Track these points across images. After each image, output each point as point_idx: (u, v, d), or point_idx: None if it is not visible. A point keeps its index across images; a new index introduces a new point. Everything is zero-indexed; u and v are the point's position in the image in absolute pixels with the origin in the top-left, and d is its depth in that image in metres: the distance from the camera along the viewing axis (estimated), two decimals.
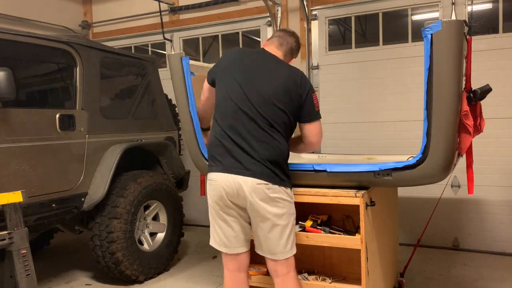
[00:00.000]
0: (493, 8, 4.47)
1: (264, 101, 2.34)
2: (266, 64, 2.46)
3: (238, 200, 2.35)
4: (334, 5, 5.11)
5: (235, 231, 2.44)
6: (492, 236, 4.51)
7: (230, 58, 2.53)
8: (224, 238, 2.44)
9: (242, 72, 2.42)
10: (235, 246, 2.45)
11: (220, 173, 2.35)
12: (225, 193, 2.34)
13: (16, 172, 3.18)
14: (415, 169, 2.46)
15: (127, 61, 4.40)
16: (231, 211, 2.41)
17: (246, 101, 2.34)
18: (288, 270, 2.42)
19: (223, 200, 2.38)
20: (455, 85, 2.32)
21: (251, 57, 2.51)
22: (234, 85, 2.39)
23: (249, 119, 2.33)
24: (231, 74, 2.43)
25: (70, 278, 4.15)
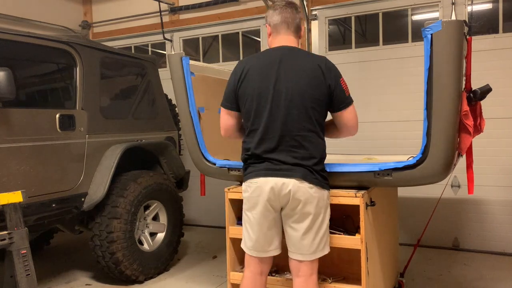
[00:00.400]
0: (493, 8, 4.47)
1: (292, 102, 2.28)
2: (286, 64, 2.33)
3: (278, 202, 2.32)
4: (334, 5, 5.11)
5: (270, 234, 2.39)
6: (492, 236, 4.51)
7: (248, 75, 2.37)
8: (257, 242, 2.39)
9: (262, 80, 2.33)
10: (264, 250, 2.41)
11: (261, 177, 2.32)
12: (267, 196, 2.30)
13: (16, 172, 3.18)
14: (415, 169, 2.46)
15: (127, 61, 4.40)
16: (269, 214, 2.35)
17: (277, 106, 2.30)
18: (311, 272, 2.39)
19: (265, 203, 2.33)
20: (455, 85, 2.32)
21: (263, 65, 2.36)
22: (262, 96, 2.32)
23: (283, 123, 2.29)
24: (256, 88, 2.34)
25: (70, 278, 4.15)
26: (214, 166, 3.05)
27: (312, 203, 2.30)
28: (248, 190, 2.37)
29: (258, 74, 2.34)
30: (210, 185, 3.89)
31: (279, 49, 2.40)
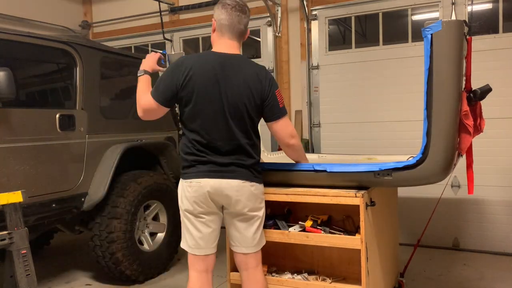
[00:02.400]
0: (493, 8, 4.47)
1: (234, 112, 2.34)
2: (224, 72, 2.35)
3: (221, 201, 2.41)
4: (334, 5, 5.11)
5: (211, 232, 2.46)
6: (492, 236, 4.51)
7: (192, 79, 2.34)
8: (199, 240, 2.45)
9: (206, 86, 2.33)
10: (208, 247, 2.48)
11: (205, 178, 2.37)
12: (209, 194, 2.38)
13: (16, 172, 3.18)
14: (415, 169, 2.45)
15: (127, 61, 4.40)
16: (209, 212, 2.43)
17: (218, 108, 2.34)
18: (257, 263, 2.55)
19: (205, 202, 2.39)
20: (455, 85, 2.32)
21: (206, 70, 2.35)
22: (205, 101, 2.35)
23: (225, 131, 2.35)
24: (199, 92, 2.34)
25: (70, 278, 4.15)
26: None
27: (252, 200, 2.43)
28: (189, 189, 2.39)
29: (202, 77, 2.33)
30: None
31: (223, 56, 2.40)
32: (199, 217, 2.42)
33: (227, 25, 2.40)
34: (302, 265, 2.99)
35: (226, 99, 2.33)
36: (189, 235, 2.46)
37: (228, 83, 2.34)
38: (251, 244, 2.50)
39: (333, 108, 5.15)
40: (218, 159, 2.36)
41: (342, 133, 5.11)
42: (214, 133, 2.35)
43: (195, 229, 2.44)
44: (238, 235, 2.49)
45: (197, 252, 2.46)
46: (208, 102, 2.34)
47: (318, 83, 5.24)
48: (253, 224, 2.48)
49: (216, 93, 2.33)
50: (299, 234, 2.68)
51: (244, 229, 2.47)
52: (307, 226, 2.72)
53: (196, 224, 2.43)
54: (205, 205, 2.39)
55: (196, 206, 2.40)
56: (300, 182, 2.74)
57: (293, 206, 2.96)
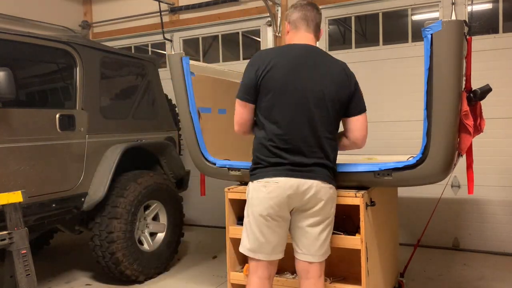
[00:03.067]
0: (493, 8, 4.47)
1: (318, 103, 2.25)
2: (312, 63, 2.29)
3: (297, 203, 2.27)
4: (334, 5, 5.11)
5: (279, 237, 2.32)
6: (492, 236, 4.51)
7: (270, 68, 2.27)
8: (266, 244, 2.29)
9: (288, 74, 2.25)
10: (273, 253, 2.32)
11: (283, 177, 2.23)
12: (286, 196, 2.23)
13: (16, 172, 3.18)
14: (415, 169, 2.46)
15: (127, 61, 4.40)
16: (284, 215, 2.29)
17: (301, 103, 2.25)
18: (320, 274, 2.38)
19: (280, 204, 2.25)
20: (455, 85, 2.32)
21: (291, 60, 2.29)
22: (287, 92, 2.25)
23: (307, 122, 2.26)
24: (281, 83, 2.25)
25: (70, 278, 4.15)
26: (214, 166, 3.05)
27: (330, 203, 2.31)
28: (263, 190, 2.24)
29: (285, 68, 2.25)
30: (210, 185, 3.89)
31: (303, 46, 2.35)
32: (270, 220, 2.26)
33: (301, 18, 2.39)
34: None
35: (312, 91, 2.24)
36: (254, 239, 2.30)
37: (315, 74, 2.27)
38: (318, 252, 2.33)
39: None
40: (297, 158, 2.24)
41: None
42: (295, 127, 2.23)
43: (261, 234, 2.28)
44: (306, 242, 2.32)
45: (261, 257, 2.30)
46: (292, 94, 2.23)
47: None
48: (325, 230, 2.34)
49: (301, 85, 2.24)
50: None
51: (314, 235, 2.31)
52: None
53: (264, 228, 2.27)
54: (278, 207, 2.24)
55: (270, 208, 2.24)
56: None
57: None
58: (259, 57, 2.33)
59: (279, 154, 2.25)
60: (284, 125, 2.25)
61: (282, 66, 2.26)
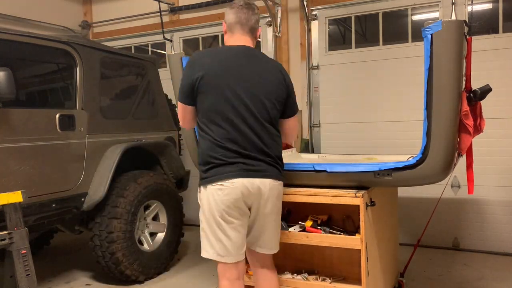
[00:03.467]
0: (493, 8, 4.47)
1: (257, 102, 2.28)
2: (247, 63, 2.33)
3: (252, 201, 2.32)
4: (334, 5, 5.11)
5: (241, 237, 2.35)
6: (492, 236, 4.51)
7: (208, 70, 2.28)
8: (230, 246, 2.31)
9: (224, 76, 2.28)
10: (239, 253, 2.36)
11: (238, 178, 2.24)
12: (242, 195, 2.27)
13: (16, 172, 3.18)
14: (415, 169, 2.46)
15: (127, 61, 4.40)
16: (238, 215, 2.30)
17: (241, 103, 2.26)
18: (272, 262, 2.55)
19: (238, 204, 2.27)
20: (455, 85, 2.32)
21: (226, 62, 2.31)
22: (223, 92, 2.27)
23: (249, 121, 2.28)
24: (219, 85, 2.27)
25: (70, 278, 4.15)
26: None
27: (280, 198, 2.44)
28: (219, 193, 2.24)
29: (220, 69, 2.28)
30: None
31: (239, 47, 2.38)
32: (230, 222, 2.28)
33: (235, 22, 2.40)
34: (302, 265, 2.99)
35: (250, 91, 2.27)
36: (218, 243, 2.30)
37: (253, 74, 2.30)
38: (274, 245, 2.50)
39: (333, 108, 5.15)
40: (247, 159, 2.26)
41: (342, 133, 5.11)
42: (239, 128, 2.26)
43: (226, 236, 2.28)
44: (266, 237, 2.44)
45: (228, 260, 2.32)
46: (229, 94, 2.25)
47: (318, 83, 5.23)
48: (279, 224, 2.51)
49: (238, 85, 2.26)
50: (299, 234, 2.69)
51: (271, 229, 2.44)
52: (307, 226, 2.72)
53: (227, 230, 2.28)
54: (237, 208, 2.27)
55: (228, 210, 2.26)
56: (300, 182, 2.74)
57: (293, 206, 2.96)
58: (195, 60, 2.34)
59: (228, 157, 2.26)
60: (227, 127, 2.26)
61: (218, 69, 2.28)
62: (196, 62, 2.33)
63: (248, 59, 2.34)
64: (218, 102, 2.26)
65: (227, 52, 2.37)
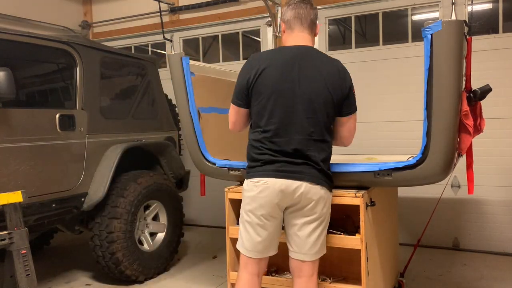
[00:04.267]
0: (493, 8, 4.47)
1: (307, 106, 2.28)
2: (304, 65, 2.30)
3: (287, 202, 2.30)
4: (334, 5, 5.11)
5: (272, 236, 2.35)
6: (492, 236, 4.51)
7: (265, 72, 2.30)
8: (258, 244, 2.33)
9: (279, 79, 2.28)
10: (264, 251, 2.37)
11: (271, 178, 2.26)
12: (277, 197, 2.26)
13: (16, 172, 3.18)
14: (415, 169, 2.45)
15: (127, 61, 4.40)
16: (275, 215, 2.32)
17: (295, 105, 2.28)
18: (312, 272, 2.40)
19: (270, 204, 2.28)
20: (455, 85, 2.32)
21: (282, 65, 2.30)
22: (279, 96, 2.28)
23: (296, 126, 2.28)
24: (272, 87, 2.28)
25: (70, 278, 4.15)
26: (214, 166, 3.05)
27: (321, 203, 2.32)
28: (254, 189, 2.30)
29: (276, 72, 2.28)
30: (210, 185, 3.89)
31: (297, 48, 2.35)
32: (260, 219, 2.30)
33: (294, 17, 2.38)
34: None
35: (302, 94, 2.26)
36: (247, 238, 2.35)
37: (306, 77, 2.28)
38: (310, 251, 2.35)
39: None
40: (286, 160, 2.27)
41: None
42: (284, 130, 2.27)
43: (255, 233, 2.32)
44: (298, 240, 2.34)
45: (252, 255, 2.36)
46: (282, 97, 2.26)
47: None
48: (317, 229, 2.35)
49: (291, 88, 2.26)
50: None
51: (305, 234, 2.33)
52: None
53: (256, 227, 2.32)
54: (269, 207, 2.28)
55: (260, 208, 2.29)
56: None
57: None
58: (253, 61, 2.36)
59: (269, 156, 2.29)
60: (274, 129, 2.28)
61: (273, 71, 2.28)
62: (252, 63, 2.35)
63: (304, 61, 2.30)
64: (269, 104, 2.28)
65: (284, 54, 2.34)
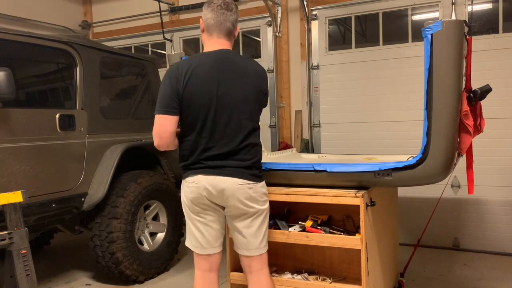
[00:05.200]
0: (493, 8, 4.47)
1: (237, 107, 2.31)
2: (227, 68, 2.32)
3: (217, 199, 2.36)
4: (334, 5, 5.11)
5: (214, 232, 2.44)
6: (492, 236, 4.51)
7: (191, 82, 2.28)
8: (202, 239, 2.43)
9: (209, 85, 2.28)
10: (212, 246, 2.45)
11: (200, 175, 2.33)
12: (206, 194, 2.33)
13: (16, 172, 3.18)
14: (415, 169, 2.45)
15: (127, 61, 4.40)
16: (209, 211, 2.40)
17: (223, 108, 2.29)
18: (261, 266, 2.48)
19: (202, 200, 2.36)
20: (455, 85, 2.32)
21: (209, 69, 2.30)
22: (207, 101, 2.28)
23: (230, 129, 2.32)
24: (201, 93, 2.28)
25: (70, 278, 4.15)
26: None
27: (252, 200, 2.36)
28: (187, 190, 2.36)
29: (202, 78, 2.27)
30: None
31: (218, 53, 2.35)
32: (199, 216, 2.40)
33: (214, 24, 2.37)
34: (302, 265, 2.99)
35: (227, 96, 2.29)
36: (191, 235, 2.46)
37: (229, 80, 2.30)
38: (253, 247, 2.43)
39: (333, 108, 5.15)
40: (216, 162, 2.31)
41: (342, 133, 5.11)
42: (214, 133, 2.30)
43: (196, 230, 2.42)
44: (240, 237, 2.43)
45: (199, 251, 2.45)
46: (208, 101, 2.27)
47: (318, 83, 5.24)
48: (253, 225, 2.41)
49: (216, 91, 2.28)
50: (299, 234, 2.69)
51: (245, 231, 2.41)
52: (307, 226, 2.72)
53: (197, 224, 2.41)
54: (202, 204, 2.36)
55: (193, 205, 2.38)
56: (300, 182, 2.74)
57: (293, 206, 2.96)
58: (179, 68, 2.31)
59: (200, 161, 2.34)
60: (207, 136, 2.30)
61: (199, 76, 2.27)
62: (180, 69, 2.30)
63: (228, 64, 2.33)
64: (201, 110, 2.29)
65: (206, 59, 2.33)
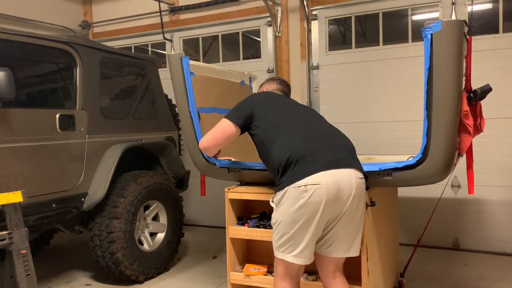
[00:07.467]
0: (493, 8, 4.47)
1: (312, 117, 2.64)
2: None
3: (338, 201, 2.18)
4: (334, 5, 5.11)
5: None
6: (492, 236, 4.51)
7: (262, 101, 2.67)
8: (307, 249, 2.21)
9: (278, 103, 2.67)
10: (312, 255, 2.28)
11: (323, 171, 2.13)
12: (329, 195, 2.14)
13: (16, 172, 3.18)
14: (415, 169, 2.46)
15: (127, 61, 4.40)
16: (326, 216, 2.19)
17: (302, 116, 2.59)
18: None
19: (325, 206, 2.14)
20: (455, 85, 2.32)
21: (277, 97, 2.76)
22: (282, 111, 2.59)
23: (318, 123, 2.63)
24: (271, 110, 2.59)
25: (70, 278, 4.15)
26: (214, 166, 3.05)
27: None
28: (304, 195, 2.12)
29: (274, 99, 2.72)
30: (210, 185, 3.89)
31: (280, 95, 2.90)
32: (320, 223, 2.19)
33: (279, 90, 3.00)
34: None
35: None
36: (304, 246, 2.19)
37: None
38: (356, 246, 2.33)
39: (333, 108, 5.15)
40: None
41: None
42: None
43: (313, 238, 2.21)
44: (345, 237, 2.28)
45: (308, 261, 2.25)
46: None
47: (318, 83, 5.24)
48: (362, 222, 2.36)
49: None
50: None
51: (354, 228, 2.30)
52: None
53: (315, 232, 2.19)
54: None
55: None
56: None
57: None
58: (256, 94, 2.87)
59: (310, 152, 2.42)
60: (299, 132, 2.51)
61: (272, 98, 2.75)
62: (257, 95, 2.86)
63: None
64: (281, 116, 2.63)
65: (274, 97, 2.81)
